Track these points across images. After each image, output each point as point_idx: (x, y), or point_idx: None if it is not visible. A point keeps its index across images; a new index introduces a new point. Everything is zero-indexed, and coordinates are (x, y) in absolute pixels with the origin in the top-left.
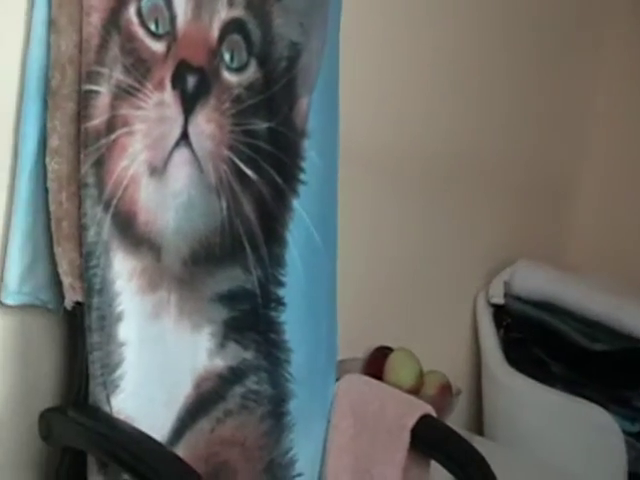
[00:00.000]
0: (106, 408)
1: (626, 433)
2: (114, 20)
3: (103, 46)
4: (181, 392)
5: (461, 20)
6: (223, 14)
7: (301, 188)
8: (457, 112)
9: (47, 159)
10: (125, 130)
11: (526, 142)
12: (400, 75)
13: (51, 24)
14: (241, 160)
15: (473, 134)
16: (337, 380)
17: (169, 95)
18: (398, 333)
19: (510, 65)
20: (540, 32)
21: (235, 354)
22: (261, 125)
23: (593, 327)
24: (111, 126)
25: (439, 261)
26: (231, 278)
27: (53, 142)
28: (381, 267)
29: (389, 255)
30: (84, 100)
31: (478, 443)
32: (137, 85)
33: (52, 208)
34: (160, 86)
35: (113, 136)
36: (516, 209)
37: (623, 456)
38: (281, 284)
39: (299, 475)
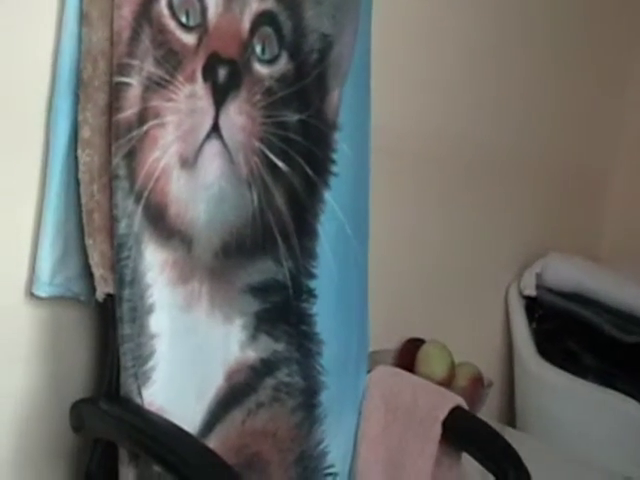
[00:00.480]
0: (137, 400)
1: None
2: (145, 12)
3: (134, 38)
4: (212, 384)
5: (501, 13)
6: (254, 6)
7: (332, 180)
8: (493, 105)
9: (79, 151)
10: (156, 122)
11: (558, 135)
12: (436, 69)
13: (83, 17)
14: (272, 152)
15: (503, 127)
16: (369, 372)
17: (200, 87)
18: (430, 325)
19: (543, 57)
20: (575, 22)
21: (266, 346)
22: (292, 117)
23: (625, 319)
24: (142, 118)
25: (471, 253)
26: (262, 270)
27: (84, 134)
28: (413, 259)
29: (421, 247)
30: (115, 92)
31: (510, 435)
32: (168, 77)
33: (83, 200)
34: (191, 78)
35: (144, 128)
36: (548, 201)
37: None
38: (312, 276)
39: (331, 467)
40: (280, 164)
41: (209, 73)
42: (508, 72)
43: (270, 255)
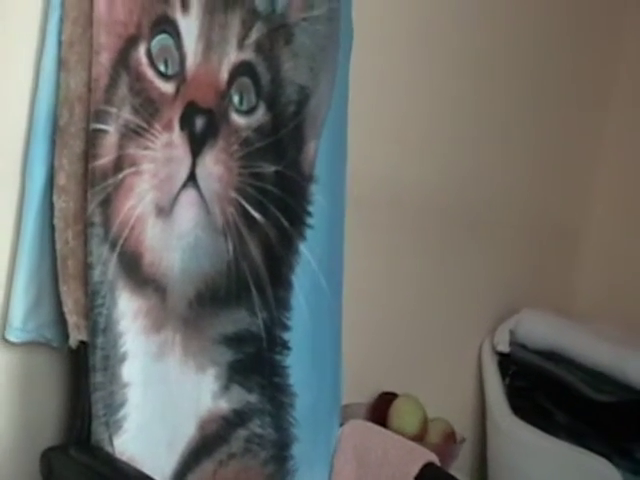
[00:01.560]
0: (108, 448)
1: None
2: (123, 60)
3: (112, 85)
4: (184, 434)
5: (477, 63)
6: (233, 57)
7: (308, 232)
8: (460, 156)
9: (54, 197)
10: (132, 170)
11: (533, 191)
12: (411, 117)
13: (61, 63)
14: (248, 202)
15: (477, 180)
16: (341, 425)
17: (177, 136)
18: (403, 379)
19: (520, 111)
20: (552, 74)
21: (239, 397)
22: (269, 168)
23: (598, 377)
24: (118, 165)
25: (445, 308)
26: (236, 320)
27: (60, 180)
28: (386, 312)
29: (394, 301)
30: (92, 139)
31: None
32: (145, 125)
33: (58, 246)
34: (168, 127)
35: (120, 175)
36: (522, 257)
37: None
38: (286, 328)
39: None
40: (256, 215)
41: (186, 122)
42: (485, 124)
43: (244, 306)
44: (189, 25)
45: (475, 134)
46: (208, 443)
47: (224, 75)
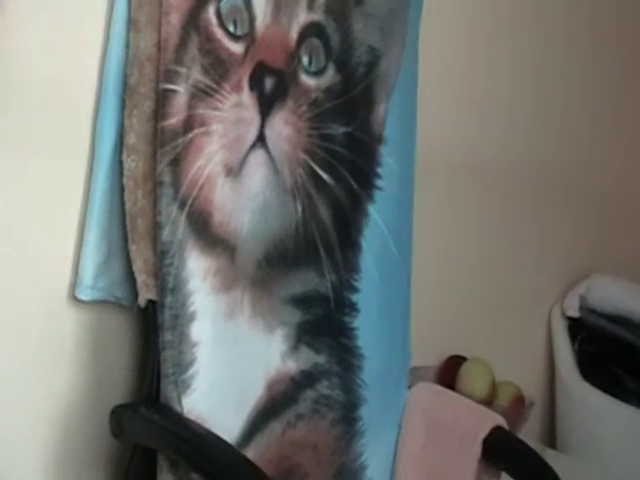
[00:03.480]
0: (177, 407)
1: None
2: (193, 20)
3: (181, 46)
4: (253, 394)
5: (545, 29)
6: (302, 17)
7: (377, 194)
8: (537, 123)
9: (124, 156)
10: (202, 130)
11: (607, 156)
12: (481, 83)
13: (131, 23)
14: (317, 164)
15: (553, 146)
16: (409, 388)
17: (246, 96)
18: (472, 342)
19: (595, 80)
20: (623, 44)
21: (308, 358)
22: (338, 129)
23: None
24: (188, 125)
25: (515, 272)
26: (305, 281)
27: (130, 140)
28: (456, 276)
29: (464, 264)
30: (161, 99)
31: (550, 456)
32: (215, 85)
33: (127, 206)
34: (238, 87)
35: (190, 135)
36: (594, 222)
37: None
38: (355, 289)
39: None
40: (325, 176)
41: (255, 83)
42: (550, 90)
43: (313, 267)
44: None
45: (550, 99)
46: (276, 403)
47: (293, 36)
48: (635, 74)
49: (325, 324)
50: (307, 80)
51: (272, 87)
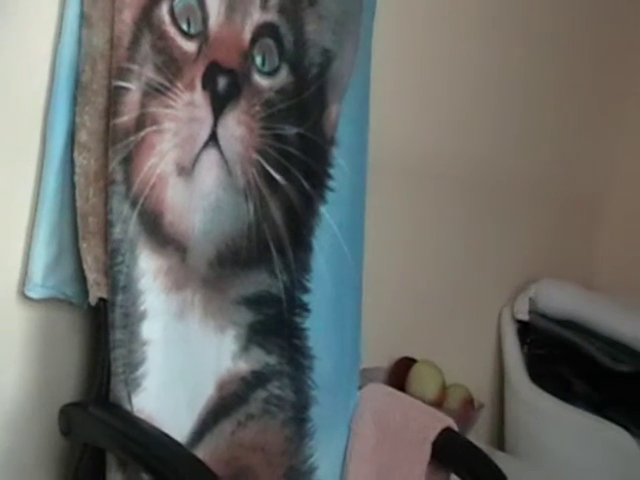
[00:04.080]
0: (127, 406)
1: None
2: (146, 18)
3: (134, 43)
4: (203, 394)
5: (503, 32)
6: (256, 17)
7: (329, 195)
8: (492, 127)
9: (75, 154)
10: (154, 128)
11: (556, 160)
12: (435, 85)
13: (83, 19)
14: (270, 164)
15: (506, 150)
16: (360, 389)
17: (199, 95)
18: (422, 345)
19: (541, 82)
20: (575, 47)
21: (259, 358)
22: (290, 130)
23: (617, 348)
24: (140, 123)
25: (466, 274)
26: (257, 282)
27: (81, 137)
28: (408, 278)
29: (416, 266)
30: (114, 96)
31: (499, 458)
32: (167, 84)
33: (79, 203)
34: (190, 86)
35: (142, 133)
36: (544, 226)
37: None
38: (306, 290)
39: None
40: (277, 176)
41: (208, 82)
42: (508, 94)
43: (265, 267)
44: None
45: (498, 103)
46: (227, 403)
47: (247, 36)
48: (592, 81)
49: (276, 324)
50: (260, 80)
51: (225, 87)
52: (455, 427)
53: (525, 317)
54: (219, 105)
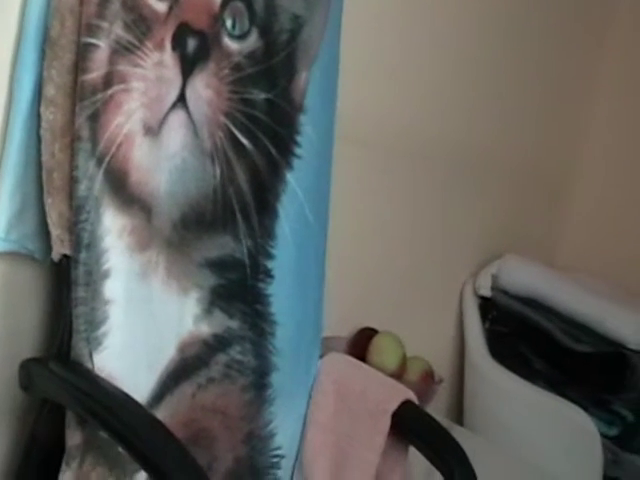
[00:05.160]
0: (88, 364)
1: (603, 436)
2: None
3: (104, 0)
4: (165, 355)
5: (466, 5)
6: None
7: (295, 162)
8: (455, 102)
9: (42, 108)
10: (122, 87)
11: (523, 138)
12: (398, 60)
13: None
14: (237, 128)
15: (470, 126)
16: (321, 357)
17: (168, 56)
18: (384, 316)
19: (510, 61)
20: (543, 32)
21: (221, 322)
22: (259, 95)
23: (577, 328)
24: (108, 81)
25: (430, 248)
26: (221, 245)
27: (49, 91)
28: (372, 249)
29: (380, 237)
30: (82, 52)
31: (457, 433)
32: (137, 42)
33: (44, 158)
34: (160, 46)
35: (110, 91)
36: (509, 203)
37: (599, 459)
38: (270, 256)
39: (278, 448)
40: (244, 141)
41: (178, 43)
42: (478, 72)
43: (229, 231)
44: None
45: (469, 82)
46: (188, 366)
47: None
48: (560, 62)
49: (239, 289)
50: (230, 43)
51: (194, 48)
52: (415, 400)
53: (487, 293)
54: (188, 67)
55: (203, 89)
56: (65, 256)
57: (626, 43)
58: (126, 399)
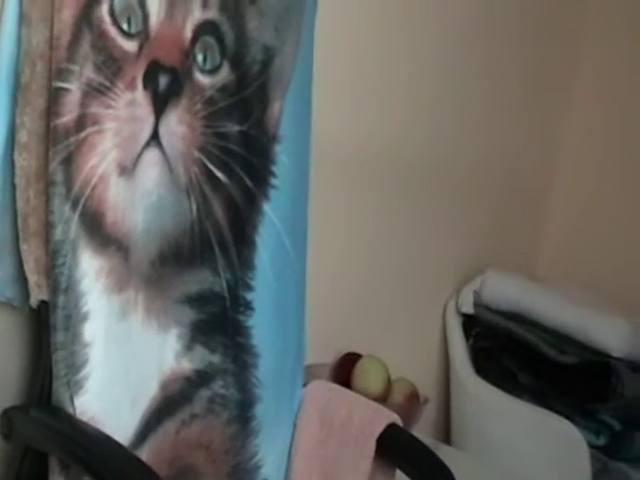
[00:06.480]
0: (69, 408)
1: (591, 446)
2: (86, 17)
3: (74, 43)
4: (147, 393)
5: (441, 24)
6: (197, 15)
7: (272, 192)
8: (431, 120)
9: (15, 155)
10: (95, 128)
11: (501, 153)
12: (376, 79)
13: (23, 18)
14: (212, 162)
15: (447, 140)
16: (304, 386)
17: (140, 94)
18: (367, 340)
19: (487, 75)
20: (520, 51)
21: (202, 357)
22: (233, 128)
23: (561, 339)
24: (81, 124)
25: (409, 268)
26: (200, 280)
27: (22, 138)
28: (351, 273)
29: (359, 261)
30: (54, 97)
31: (445, 452)
32: (108, 83)
33: (19, 204)
34: (131, 85)
35: (83, 134)
36: (487, 219)
37: (587, 469)
38: (250, 288)
39: None
40: (219, 175)
41: (149, 81)
42: (459, 92)
43: (208, 265)
44: None
45: (448, 100)
46: (170, 403)
47: (188, 34)
48: (530, 70)
49: (220, 323)
50: (202, 78)
51: (166, 85)
52: (400, 422)
53: (470, 310)
54: (160, 104)
55: (176, 125)
56: (44, 301)
57: (599, 57)
58: (108, 441)
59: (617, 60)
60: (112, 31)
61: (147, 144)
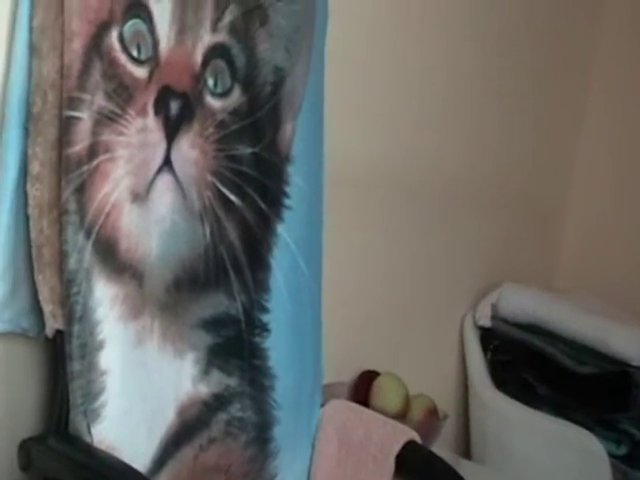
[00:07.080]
0: (87, 438)
1: (612, 456)
2: (96, 46)
3: (85, 72)
4: (164, 420)
5: (452, 44)
6: (206, 39)
7: (286, 213)
8: (446, 134)
9: (28, 186)
10: (107, 156)
11: (515, 166)
12: (387, 99)
13: (33, 49)
14: (225, 186)
15: (462, 157)
16: (322, 406)
17: (152, 121)
18: (384, 357)
19: (501, 88)
20: (533, 63)
21: (219, 381)
22: (245, 150)
23: (579, 350)
24: (93, 152)
25: (426, 284)
26: (215, 304)
27: (34, 169)
28: (367, 290)
29: (375, 279)
30: (65, 126)
31: (465, 466)
32: (119, 111)
33: (33, 235)
34: (143, 112)
35: (95, 162)
36: (504, 232)
37: (608, 479)
38: (265, 310)
39: None
40: (233, 198)
41: (161, 106)
42: (462, 104)
43: (223, 289)
44: (162, 9)
45: (456, 110)
46: (188, 428)
47: (198, 58)
48: (544, 85)
49: (236, 346)
50: (213, 102)
51: (177, 110)
52: (419, 439)
53: (487, 323)
54: (172, 129)
55: (188, 150)
56: (59, 331)
57: (612, 72)
58: (126, 470)
59: (629, 75)
60: (122, 58)
61: (159, 170)
